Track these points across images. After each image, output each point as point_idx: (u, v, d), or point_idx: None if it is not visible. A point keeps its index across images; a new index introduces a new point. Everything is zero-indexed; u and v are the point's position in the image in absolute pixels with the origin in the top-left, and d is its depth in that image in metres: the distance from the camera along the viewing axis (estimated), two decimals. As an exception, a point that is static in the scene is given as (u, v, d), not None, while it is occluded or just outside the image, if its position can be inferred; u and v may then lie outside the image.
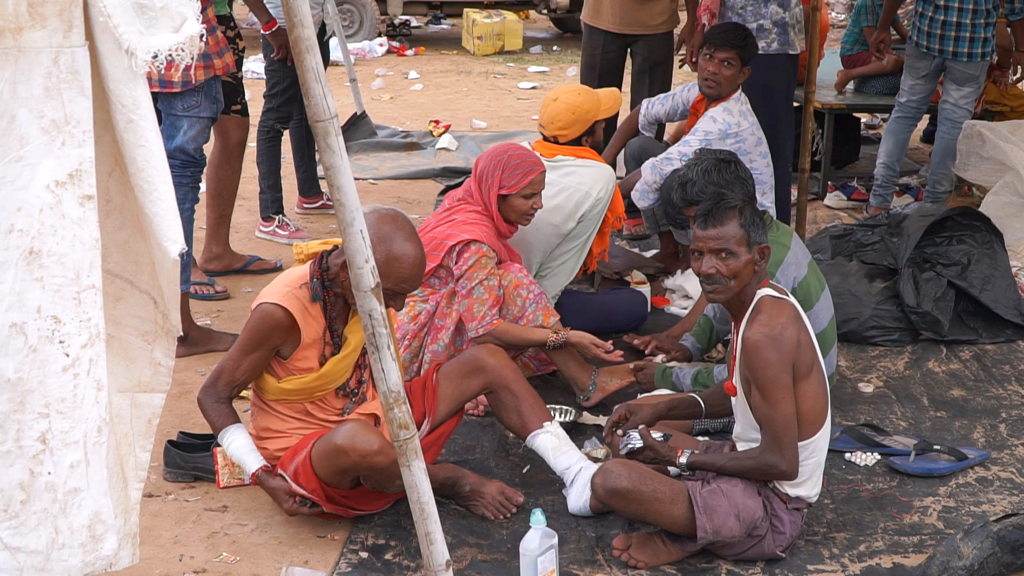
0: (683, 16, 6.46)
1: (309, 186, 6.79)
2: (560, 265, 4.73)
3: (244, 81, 5.64)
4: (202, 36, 4.67)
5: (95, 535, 2.20)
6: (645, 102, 5.78)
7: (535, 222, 4.43)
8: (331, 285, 3.44)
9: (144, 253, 2.32)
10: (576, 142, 4.81)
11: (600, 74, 6.30)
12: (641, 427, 3.43)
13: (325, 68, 6.45)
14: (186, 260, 4.71)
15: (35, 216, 2.05)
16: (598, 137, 4.88)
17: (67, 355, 2.10)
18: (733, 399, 3.39)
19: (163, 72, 4.70)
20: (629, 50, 6.37)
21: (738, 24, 5.55)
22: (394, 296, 3.40)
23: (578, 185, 4.60)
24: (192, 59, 2.18)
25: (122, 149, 2.22)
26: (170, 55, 2.14)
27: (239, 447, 3.44)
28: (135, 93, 2.18)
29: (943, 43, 6.38)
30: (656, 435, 3.40)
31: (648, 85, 6.32)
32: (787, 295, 3.34)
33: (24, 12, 1.99)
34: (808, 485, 3.32)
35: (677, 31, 6.44)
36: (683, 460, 3.33)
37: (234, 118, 5.45)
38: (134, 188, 2.23)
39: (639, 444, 3.37)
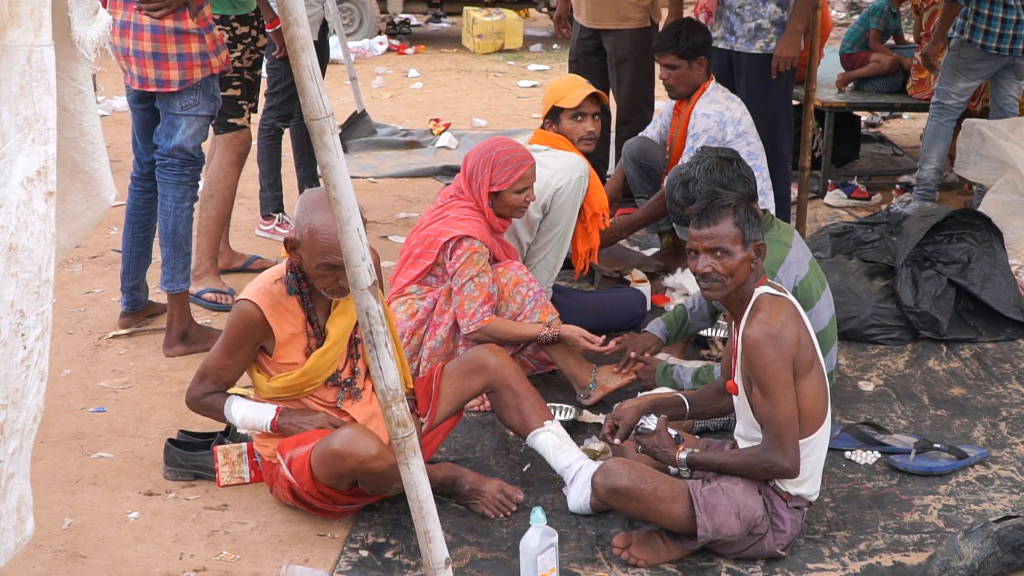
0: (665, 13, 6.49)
1: (309, 184, 6.78)
2: (540, 261, 4.71)
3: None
4: (200, 35, 4.72)
5: (21, 517, 2.28)
6: (641, 135, 5.82)
7: None
8: (305, 277, 3.44)
9: None
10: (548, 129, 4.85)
11: (576, 61, 6.43)
12: (663, 416, 3.42)
13: (326, 66, 6.51)
14: (185, 260, 4.71)
15: (13, 212, 2.09)
16: (569, 130, 4.82)
17: (25, 347, 2.15)
18: (735, 398, 3.39)
19: (160, 72, 4.73)
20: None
21: (673, 23, 5.64)
22: (331, 269, 3.35)
23: (540, 174, 4.52)
24: (107, 45, 2.39)
25: (62, 118, 2.34)
26: (99, 44, 2.37)
27: (246, 410, 3.51)
28: (84, 68, 2.38)
29: (1015, 42, 6.35)
30: (653, 424, 3.41)
31: (617, 81, 6.36)
32: (786, 293, 3.34)
33: (6, 11, 2.03)
34: (809, 483, 3.32)
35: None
36: (682, 456, 3.33)
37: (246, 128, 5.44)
38: (72, 150, 2.40)
39: (653, 427, 3.36)
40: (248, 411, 3.51)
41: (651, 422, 3.37)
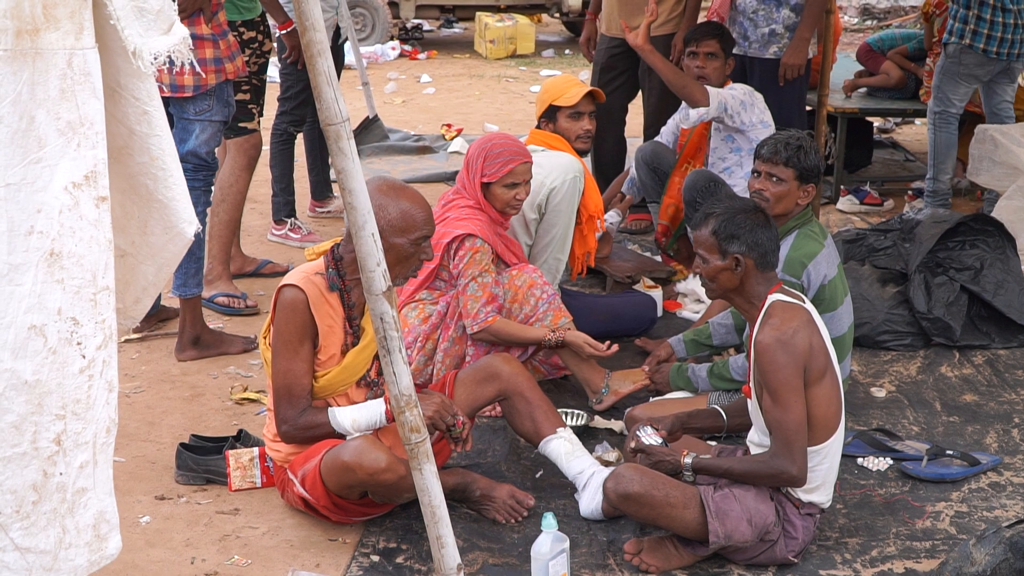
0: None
1: (321, 190, 6.80)
2: (542, 264, 4.70)
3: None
4: (214, 41, 4.72)
5: (100, 534, 2.21)
6: (655, 139, 5.82)
7: None
8: (346, 274, 3.45)
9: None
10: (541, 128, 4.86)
11: (600, 71, 6.43)
12: (650, 430, 3.45)
13: (340, 72, 6.51)
14: (197, 265, 4.72)
15: (55, 218, 2.05)
16: (566, 129, 4.82)
17: (84, 356, 2.10)
18: (749, 403, 3.39)
19: (175, 77, 4.73)
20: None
21: (709, 21, 5.70)
22: (421, 244, 3.44)
23: (535, 174, 4.49)
24: (188, 61, 2.27)
25: (131, 141, 2.28)
26: (168, 57, 2.24)
27: (354, 414, 3.42)
28: (148, 87, 2.27)
29: (1012, 47, 6.34)
30: (656, 439, 3.42)
31: (648, 87, 6.37)
32: (801, 300, 3.33)
33: (40, 13, 2.00)
34: (821, 491, 3.31)
35: None
36: (687, 460, 3.33)
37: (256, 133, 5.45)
38: (145, 176, 2.30)
39: (656, 441, 3.39)
40: (355, 414, 3.43)
41: (647, 435, 3.42)
